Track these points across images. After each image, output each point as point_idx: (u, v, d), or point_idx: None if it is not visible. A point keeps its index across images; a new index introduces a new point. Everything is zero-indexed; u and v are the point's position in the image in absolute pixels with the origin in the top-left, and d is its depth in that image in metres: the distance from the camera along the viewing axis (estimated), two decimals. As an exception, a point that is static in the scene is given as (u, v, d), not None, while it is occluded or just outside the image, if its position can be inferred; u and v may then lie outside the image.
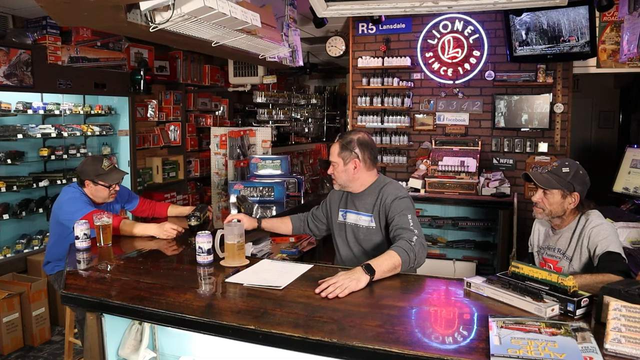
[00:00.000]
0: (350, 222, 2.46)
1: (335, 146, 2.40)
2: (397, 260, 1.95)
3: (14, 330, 3.65)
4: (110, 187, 2.84)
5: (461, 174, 4.55)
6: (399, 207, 2.25)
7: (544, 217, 2.26)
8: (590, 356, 1.29)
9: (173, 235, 2.59)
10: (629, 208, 3.63)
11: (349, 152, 2.35)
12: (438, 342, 1.45)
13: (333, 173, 2.42)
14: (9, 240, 4.21)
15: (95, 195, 2.85)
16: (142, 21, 2.75)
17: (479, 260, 4.64)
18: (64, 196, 2.80)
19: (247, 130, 4.95)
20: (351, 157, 2.35)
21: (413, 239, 2.06)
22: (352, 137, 2.38)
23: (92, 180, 2.81)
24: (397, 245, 2.03)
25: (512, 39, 4.51)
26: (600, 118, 7.30)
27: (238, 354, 1.94)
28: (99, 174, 2.80)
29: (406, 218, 2.19)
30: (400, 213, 2.22)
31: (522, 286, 1.70)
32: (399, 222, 2.19)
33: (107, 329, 1.98)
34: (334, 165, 2.39)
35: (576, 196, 2.18)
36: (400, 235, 2.11)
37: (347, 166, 2.36)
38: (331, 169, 2.42)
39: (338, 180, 2.42)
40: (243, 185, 3.96)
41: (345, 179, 2.39)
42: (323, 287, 1.79)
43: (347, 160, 2.36)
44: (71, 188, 2.85)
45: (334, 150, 2.40)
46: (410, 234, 2.10)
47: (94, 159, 2.90)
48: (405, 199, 2.30)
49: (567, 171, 2.18)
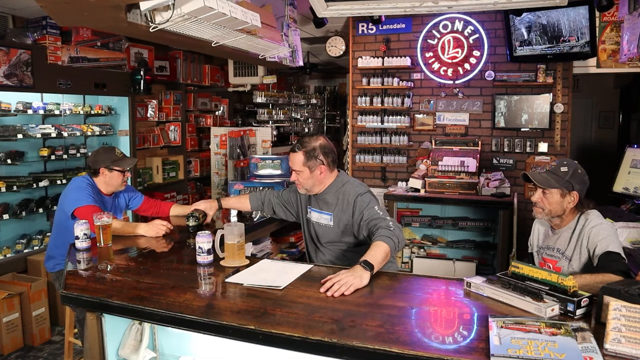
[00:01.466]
0: (313, 219, 2.56)
1: (299, 155, 2.41)
2: (386, 248, 2.02)
3: (14, 330, 3.65)
4: (124, 173, 2.91)
5: (461, 174, 4.55)
6: (364, 203, 2.33)
7: (544, 216, 2.26)
8: (590, 356, 1.30)
9: (162, 232, 2.64)
10: (629, 208, 3.63)
11: (314, 159, 2.40)
12: (438, 342, 1.45)
13: (297, 180, 2.47)
14: (9, 240, 4.21)
15: (109, 184, 2.91)
16: (142, 21, 2.75)
17: (479, 260, 4.63)
18: (71, 184, 2.86)
19: (247, 130, 4.95)
20: (317, 164, 2.40)
21: (390, 225, 2.15)
22: (314, 145, 2.42)
23: (107, 167, 2.87)
24: (380, 235, 2.10)
25: (512, 39, 4.51)
26: (600, 118, 7.30)
27: (238, 354, 1.94)
28: (114, 159, 2.88)
29: (374, 210, 2.29)
30: (367, 207, 2.31)
31: (522, 286, 1.70)
32: (369, 215, 2.27)
33: (107, 329, 1.98)
34: (299, 174, 2.44)
35: (575, 195, 2.18)
36: (377, 225, 2.18)
37: (314, 173, 2.42)
38: (295, 176, 2.46)
39: (304, 186, 2.47)
40: (243, 185, 3.95)
41: (310, 185, 2.46)
42: (327, 285, 1.80)
43: (313, 168, 2.41)
44: (80, 178, 2.91)
45: (297, 159, 2.42)
46: (384, 222, 2.19)
47: (106, 149, 3.00)
48: (366, 194, 2.39)
49: (565, 170, 2.19)
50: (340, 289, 1.77)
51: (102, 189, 2.92)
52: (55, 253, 2.91)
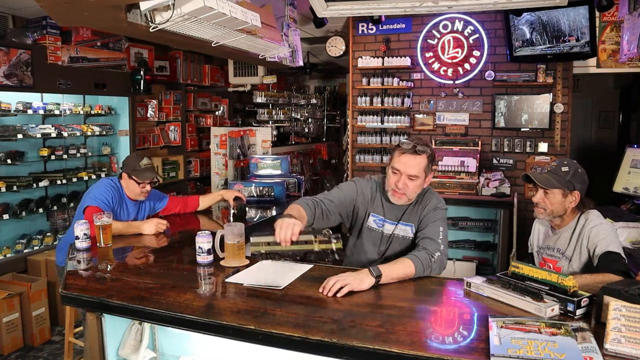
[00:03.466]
0: (387, 232, 2.29)
1: (422, 159, 2.14)
2: (411, 272, 1.92)
3: (14, 330, 3.65)
4: (140, 184, 2.89)
5: (461, 174, 4.55)
6: (435, 216, 2.17)
7: (546, 217, 2.25)
8: (590, 356, 1.29)
9: (162, 229, 2.69)
10: (629, 208, 3.63)
11: (432, 164, 2.20)
12: (438, 342, 1.45)
13: (407, 186, 2.15)
14: (9, 240, 4.21)
15: (128, 189, 2.94)
16: (142, 21, 2.75)
17: (479, 260, 4.63)
18: (98, 182, 2.93)
19: (247, 130, 4.95)
20: (430, 170, 2.20)
21: (435, 255, 2.00)
22: (433, 148, 2.23)
23: (128, 173, 2.90)
24: (418, 256, 1.96)
25: (512, 39, 4.51)
26: (600, 118, 7.30)
27: (238, 354, 1.94)
28: (134, 169, 2.88)
29: (438, 229, 2.11)
30: (435, 222, 2.14)
31: (522, 286, 1.70)
32: (430, 231, 2.11)
33: (107, 329, 1.97)
34: (414, 180, 2.14)
35: (577, 195, 2.18)
36: (425, 246, 2.03)
37: (426, 180, 2.19)
38: (405, 182, 2.15)
39: (409, 195, 2.18)
40: (243, 185, 3.95)
41: (414, 194, 2.20)
42: (324, 284, 1.78)
43: (428, 174, 2.19)
44: (108, 179, 2.96)
45: (419, 163, 2.13)
46: (435, 247, 2.03)
47: (137, 156, 3.01)
48: (443, 210, 2.22)
49: (566, 170, 2.19)
50: (335, 286, 1.74)
51: (127, 193, 2.95)
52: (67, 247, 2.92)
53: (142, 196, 2.95)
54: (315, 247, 1.68)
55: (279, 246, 1.77)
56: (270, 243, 1.72)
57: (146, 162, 2.93)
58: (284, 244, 1.89)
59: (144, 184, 2.90)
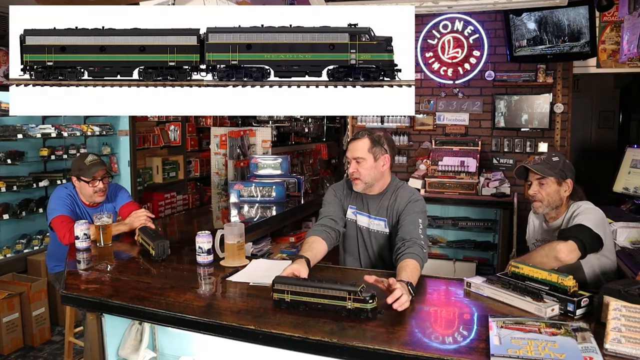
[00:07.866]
0: (361, 225, 2.34)
1: (365, 141, 2.21)
2: (420, 271, 1.96)
3: (14, 330, 3.65)
4: (89, 182, 2.70)
5: (461, 174, 4.55)
6: (412, 209, 2.19)
7: (544, 209, 2.28)
8: (590, 356, 1.30)
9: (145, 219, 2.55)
10: (629, 208, 3.63)
11: (380, 147, 2.22)
12: (438, 342, 1.45)
13: (357, 171, 2.20)
14: (9, 240, 4.21)
15: (82, 194, 2.78)
16: (142, 21, 2.75)
17: (479, 260, 4.64)
18: (52, 194, 2.79)
19: (247, 130, 4.95)
20: (381, 152, 2.22)
21: (425, 248, 2.06)
22: (379, 134, 2.25)
23: (76, 176, 2.74)
24: (416, 254, 1.98)
25: (512, 38, 4.51)
26: (600, 118, 7.30)
27: (238, 354, 1.93)
28: (80, 169, 2.71)
29: (417, 221, 2.14)
30: (411, 216, 2.16)
31: (522, 286, 1.70)
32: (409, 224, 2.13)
33: (107, 329, 1.98)
34: (360, 162, 2.20)
35: (570, 183, 2.24)
36: (413, 241, 2.05)
37: (377, 162, 2.21)
38: (355, 166, 2.21)
39: (364, 179, 2.22)
40: (243, 185, 3.95)
41: (372, 177, 2.22)
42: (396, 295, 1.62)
43: (377, 156, 2.21)
44: (61, 187, 2.84)
45: (362, 146, 2.20)
46: (421, 240, 2.07)
47: (81, 156, 2.81)
48: (419, 201, 2.24)
49: (557, 160, 2.26)
50: (404, 305, 1.62)
51: (82, 199, 2.80)
52: (54, 254, 2.92)
53: (98, 197, 2.75)
54: (347, 304, 1.63)
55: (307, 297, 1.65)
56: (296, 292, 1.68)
57: (91, 159, 2.74)
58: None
59: (94, 182, 2.70)
